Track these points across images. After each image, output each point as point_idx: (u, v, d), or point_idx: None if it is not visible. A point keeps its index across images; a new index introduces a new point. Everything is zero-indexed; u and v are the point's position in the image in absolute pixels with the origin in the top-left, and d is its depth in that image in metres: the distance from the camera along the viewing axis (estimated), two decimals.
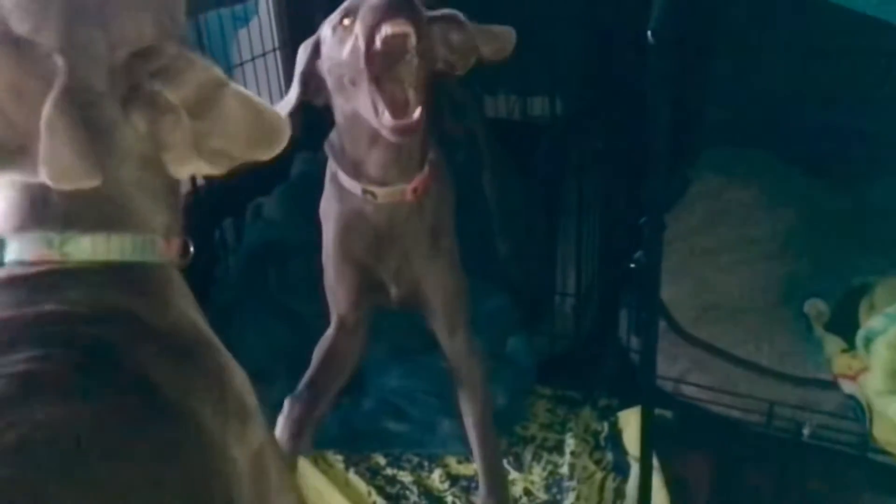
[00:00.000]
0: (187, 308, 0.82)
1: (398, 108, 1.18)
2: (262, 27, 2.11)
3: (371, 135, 1.27)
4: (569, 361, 1.78)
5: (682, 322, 1.77)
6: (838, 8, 0.89)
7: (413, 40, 1.15)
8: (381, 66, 1.17)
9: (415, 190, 1.35)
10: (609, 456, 1.58)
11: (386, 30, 1.13)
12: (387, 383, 1.73)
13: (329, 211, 1.44)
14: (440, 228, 1.43)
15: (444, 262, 1.44)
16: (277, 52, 2.16)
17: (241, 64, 2.03)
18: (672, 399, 1.66)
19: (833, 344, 1.62)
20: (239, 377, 0.83)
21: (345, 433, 1.66)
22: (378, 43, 1.13)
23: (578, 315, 1.80)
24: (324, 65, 1.29)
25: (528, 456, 1.60)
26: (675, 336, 1.75)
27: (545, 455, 1.60)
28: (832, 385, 1.58)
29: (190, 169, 0.81)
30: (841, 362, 1.58)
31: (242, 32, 2.18)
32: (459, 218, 1.56)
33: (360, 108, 1.24)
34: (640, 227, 1.05)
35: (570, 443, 1.61)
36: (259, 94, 2.04)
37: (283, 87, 2.12)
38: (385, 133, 1.19)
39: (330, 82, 1.29)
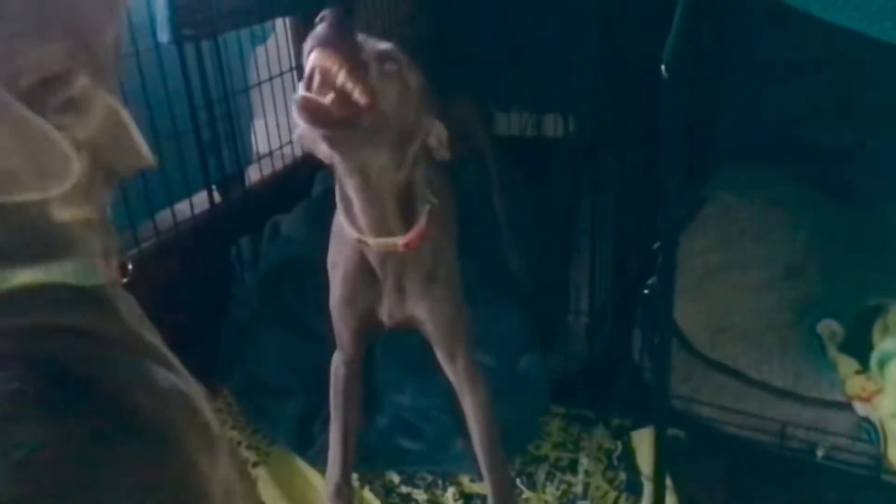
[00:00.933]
0: (139, 326, 0.81)
1: (316, 87, 1.10)
2: (279, 46, 2.14)
3: (355, 185, 1.25)
4: (582, 381, 1.78)
5: (694, 342, 1.77)
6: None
7: (340, 78, 1.09)
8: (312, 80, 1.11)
9: (408, 245, 1.33)
10: (622, 475, 1.59)
11: (314, 58, 1.09)
12: (401, 401, 1.74)
13: (333, 257, 1.45)
14: (437, 268, 1.43)
15: (440, 294, 1.43)
16: (294, 72, 2.19)
17: (259, 84, 2.05)
18: (685, 419, 1.66)
19: (847, 365, 1.61)
20: (199, 397, 0.82)
21: (359, 451, 1.67)
22: (307, 68, 1.10)
23: (592, 334, 1.80)
24: None
25: (541, 475, 1.61)
26: (688, 355, 1.75)
27: (559, 474, 1.61)
28: (846, 406, 1.58)
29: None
30: (855, 384, 1.58)
31: (259, 50, 2.21)
32: (472, 237, 1.58)
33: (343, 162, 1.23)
34: (654, 252, 1.06)
35: (584, 462, 1.62)
36: (276, 114, 2.07)
37: None
38: (295, 110, 1.11)
39: None
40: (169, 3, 1.68)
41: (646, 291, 1.09)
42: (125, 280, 0.83)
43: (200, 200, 1.98)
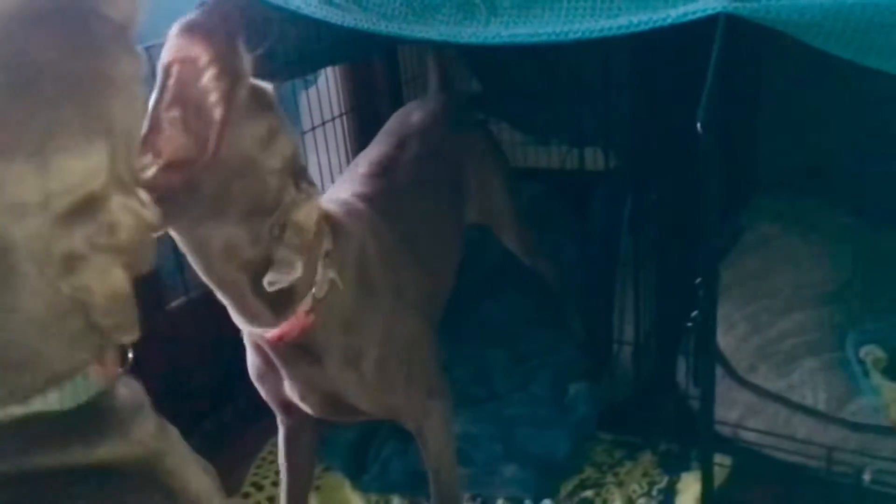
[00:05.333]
0: (141, 426, 0.70)
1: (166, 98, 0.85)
2: (330, 92, 2.23)
3: (198, 263, 1.01)
4: (629, 408, 1.83)
5: (738, 368, 1.80)
6: None
7: (207, 76, 0.85)
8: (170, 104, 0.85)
9: (279, 338, 1.09)
10: None
11: (175, 48, 0.85)
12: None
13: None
14: (359, 346, 1.20)
15: (367, 376, 1.21)
16: (343, 118, 2.26)
17: (313, 129, 2.13)
18: (731, 444, 1.70)
19: (891, 391, 1.64)
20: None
21: (410, 478, 1.73)
22: (169, 80, 0.85)
23: (637, 363, 1.85)
24: None
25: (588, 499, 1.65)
26: (732, 381, 1.78)
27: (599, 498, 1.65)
28: (891, 431, 1.59)
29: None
30: None
31: (307, 92, 2.30)
32: (519, 274, 1.60)
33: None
34: (696, 286, 1.11)
35: (629, 488, 1.66)
36: (329, 159, 2.16)
37: (350, 153, 2.24)
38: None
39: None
40: None
41: (689, 324, 1.14)
42: (126, 365, 0.72)
43: None
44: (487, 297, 2.18)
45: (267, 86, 0.99)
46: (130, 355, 0.73)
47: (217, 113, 0.86)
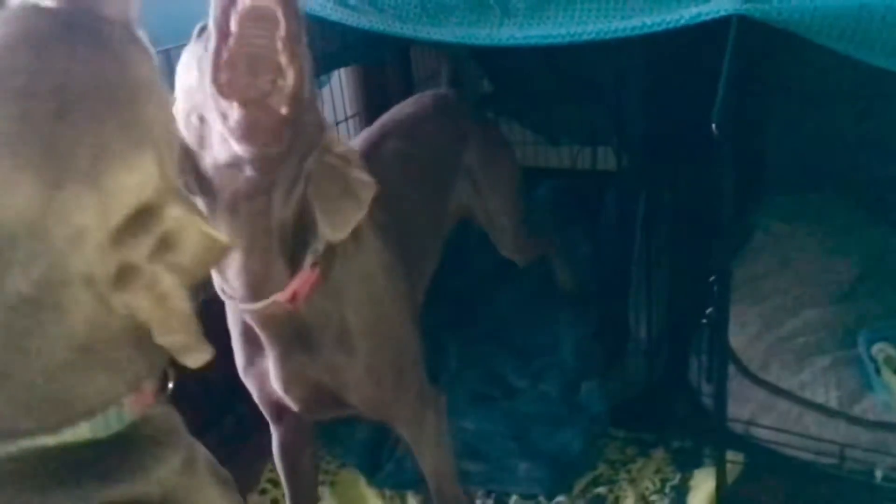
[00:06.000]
0: (169, 461, 0.68)
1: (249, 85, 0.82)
2: (343, 93, 2.24)
3: (239, 222, 0.95)
4: (641, 405, 1.84)
5: (750, 366, 1.81)
6: None
7: (282, 26, 0.80)
8: (237, 52, 0.81)
9: (293, 298, 1.03)
10: (666, 503, 1.62)
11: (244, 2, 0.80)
12: (465, 426, 1.82)
13: (229, 316, 1.19)
14: (353, 327, 1.13)
15: (360, 360, 1.16)
16: (356, 119, 2.27)
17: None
18: (743, 441, 1.70)
19: None
20: None
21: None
22: (233, 24, 0.80)
23: (650, 360, 1.86)
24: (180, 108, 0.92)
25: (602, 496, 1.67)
26: (744, 379, 1.79)
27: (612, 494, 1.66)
28: None
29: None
30: None
31: (319, 94, 2.32)
32: (530, 269, 1.60)
33: (210, 193, 0.92)
34: (710, 283, 1.13)
35: (641, 485, 1.67)
36: None
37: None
38: (232, 142, 0.84)
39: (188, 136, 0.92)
40: None
41: (704, 321, 1.15)
42: (166, 392, 0.71)
43: None
44: (496, 295, 2.19)
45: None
46: (171, 385, 0.71)
47: (291, 73, 0.81)
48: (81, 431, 0.62)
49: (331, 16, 1.40)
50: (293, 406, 1.20)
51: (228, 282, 1.03)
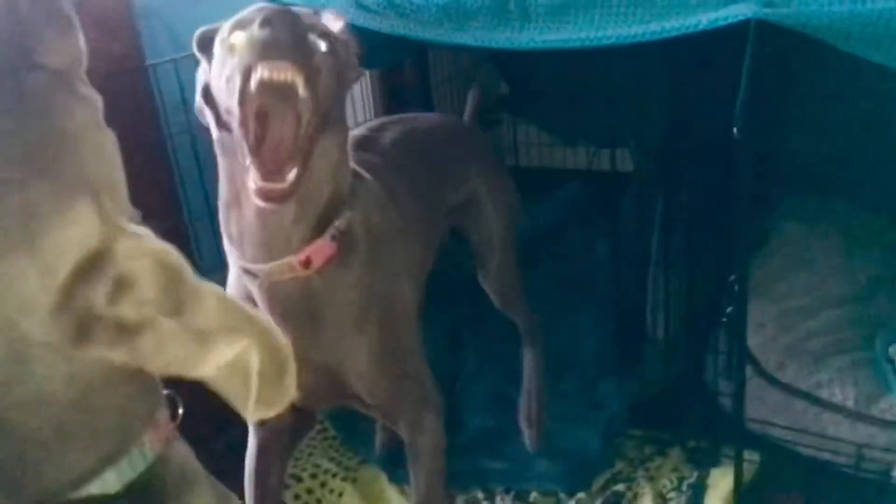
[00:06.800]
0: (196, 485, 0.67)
1: (270, 168, 0.93)
2: (363, 95, 2.27)
3: (244, 191, 0.99)
4: (658, 405, 1.85)
5: (767, 366, 1.82)
6: None
7: (301, 90, 0.90)
8: (256, 110, 0.92)
9: (306, 262, 1.03)
10: (683, 500, 1.63)
11: (263, 72, 0.88)
12: (483, 424, 1.84)
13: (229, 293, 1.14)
14: (366, 314, 1.12)
15: (366, 349, 1.13)
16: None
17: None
18: (760, 441, 1.71)
19: None
20: None
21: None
22: (252, 86, 0.89)
23: (667, 360, 1.88)
24: (211, 86, 1.01)
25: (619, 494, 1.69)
26: (761, 379, 1.81)
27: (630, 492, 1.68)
28: None
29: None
30: None
31: None
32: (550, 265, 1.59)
33: (232, 151, 0.99)
34: (729, 283, 1.14)
35: (659, 483, 1.69)
36: None
37: None
38: (251, 195, 0.93)
39: (215, 112, 1.02)
40: None
41: (724, 319, 1.17)
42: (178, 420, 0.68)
43: None
44: None
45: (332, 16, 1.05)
46: (181, 410, 0.69)
47: (303, 117, 0.92)
48: (109, 482, 0.60)
49: (354, 20, 1.42)
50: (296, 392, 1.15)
51: (236, 239, 1.04)
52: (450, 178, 1.55)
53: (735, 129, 0.97)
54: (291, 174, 0.92)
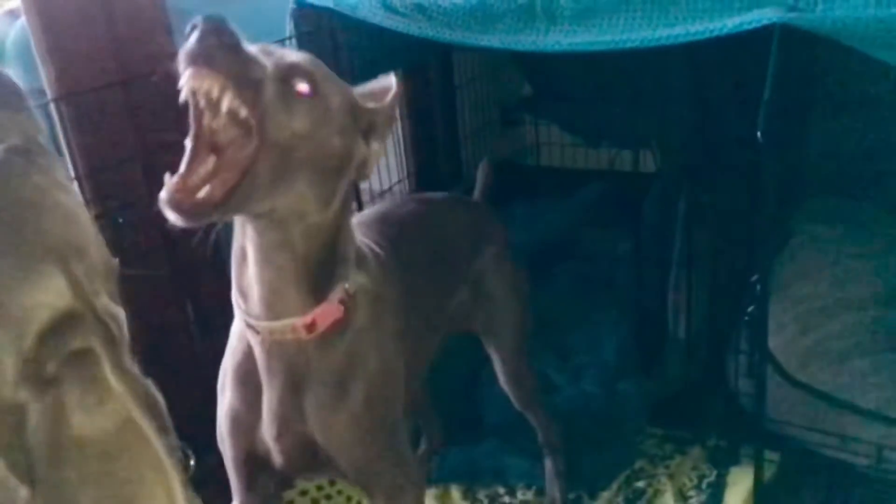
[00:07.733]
0: None
1: (185, 174, 0.89)
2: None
3: (258, 235, 0.97)
4: (679, 404, 1.87)
5: (788, 366, 1.83)
6: None
7: (227, 100, 0.86)
8: (196, 122, 0.90)
9: (311, 325, 1.01)
10: (703, 498, 1.65)
11: (189, 80, 0.86)
12: (503, 421, 1.86)
13: (225, 362, 1.13)
14: (352, 380, 1.08)
15: (351, 417, 1.09)
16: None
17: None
18: (780, 440, 1.72)
19: None
20: None
21: (468, 467, 1.80)
22: (183, 94, 0.87)
23: (688, 360, 1.89)
24: None
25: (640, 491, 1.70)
26: (782, 380, 1.81)
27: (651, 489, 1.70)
28: None
29: None
30: None
31: None
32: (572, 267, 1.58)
33: None
34: (752, 283, 1.16)
35: (679, 481, 1.70)
36: (387, 152, 2.21)
37: (404, 157, 2.29)
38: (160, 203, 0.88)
39: None
40: None
41: (745, 319, 1.18)
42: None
43: None
44: (537, 294, 2.22)
45: (301, 56, 0.98)
46: (192, 462, 0.67)
47: (253, 125, 0.88)
48: None
49: (382, 22, 1.44)
50: (277, 459, 1.11)
51: (244, 294, 1.02)
52: (460, 264, 1.49)
53: (759, 133, 0.99)
54: (203, 191, 0.88)
